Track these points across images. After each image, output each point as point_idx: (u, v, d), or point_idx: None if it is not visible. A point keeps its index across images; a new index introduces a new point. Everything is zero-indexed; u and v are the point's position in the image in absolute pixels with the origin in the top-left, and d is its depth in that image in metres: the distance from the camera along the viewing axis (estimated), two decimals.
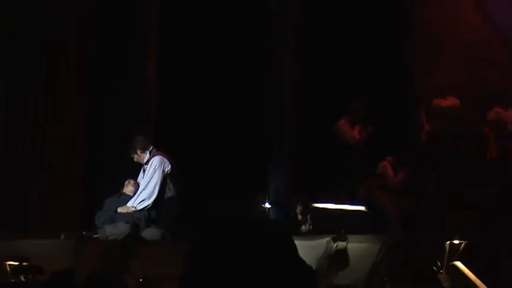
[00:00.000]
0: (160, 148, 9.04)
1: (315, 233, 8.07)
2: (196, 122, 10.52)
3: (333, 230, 7.45)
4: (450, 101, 10.65)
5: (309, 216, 8.78)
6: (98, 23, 10.29)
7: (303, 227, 8.73)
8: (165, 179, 8.61)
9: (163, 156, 8.72)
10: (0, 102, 9.99)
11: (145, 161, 8.71)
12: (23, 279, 6.80)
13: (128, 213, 8.55)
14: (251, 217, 6.99)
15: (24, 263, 6.96)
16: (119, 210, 8.60)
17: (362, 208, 8.96)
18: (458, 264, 6.42)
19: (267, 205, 8.85)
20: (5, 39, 9.96)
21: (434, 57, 11.17)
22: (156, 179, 8.56)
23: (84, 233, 8.63)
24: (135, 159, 8.82)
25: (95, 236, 8.55)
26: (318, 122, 10.28)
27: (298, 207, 8.86)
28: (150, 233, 8.50)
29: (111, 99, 10.33)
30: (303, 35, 10.76)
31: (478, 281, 6.16)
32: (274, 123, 10.52)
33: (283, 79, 10.68)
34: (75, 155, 9.97)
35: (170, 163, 8.69)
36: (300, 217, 8.80)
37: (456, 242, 6.66)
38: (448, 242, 6.63)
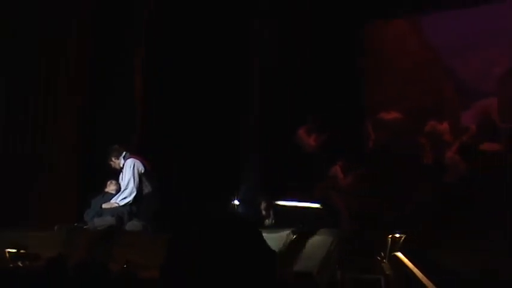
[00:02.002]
0: (146, 142, 8.86)
1: (277, 226, 8.05)
2: (177, 127, 10.38)
3: (292, 225, 7.48)
4: (393, 115, 10.71)
5: (272, 212, 8.76)
6: (93, 34, 9.53)
7: (267, 221, 8.71)
8: (140, 178, 8.58)
9: (136, 158, 8.67)
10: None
11: (121, 165, 8.66)
12: (21, 265, 6.69)
13: (112, 208, 8.52)
14: (223, 212, 6.96)
15: (22, 251, 6.86)
16: (104, 206, 8.56)
17: (317, 206, 8.97)
18: (399, 254, 6.45)
19: (236, 202, 8.83)
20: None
21: (380, 76, 11.24)
22: (132, 178, 8.52)
23: (75, 224, 8.58)
24: (112, 165, 8.74)
25: (85, 227, 8.52)
26: (282, 132, 10.29)
27: (263, 204, 8.85)
28: (132, 225, 8.49)
29: (108, 100, 9.77)
30: (271, 55, 10.76)
31: (415, 269, 6.19)
32: (245, 133, 10.55)
33: (254, 96, 10.69)
34: (75, 155, 9.39)
35: (143, 164, 8.64)
36: (264, 213, 8.78)
37: (397, 235, 6.69)
38: (390, 236, 6.65)
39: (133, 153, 8.84)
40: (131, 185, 8.49)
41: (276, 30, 10.73)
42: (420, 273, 6.06)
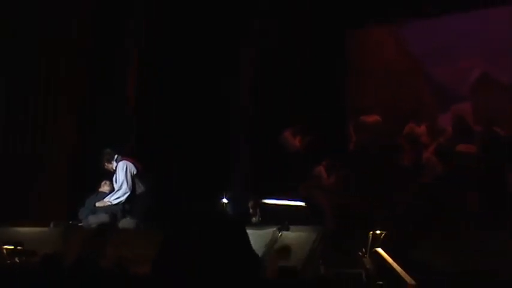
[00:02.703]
0: (141, 142, 8.77)
1: (263, 224, 8.02)
2: (170, 129, 10.32)
3: (278, 222, 7.46)
4: (373, 118, 10.73)
5: (259, 210, 8.74)
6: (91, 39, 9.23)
7: (254, 219, 8.68)
8: (132, 178, 8.54)
9: (128, 160, 8.63)
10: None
11: (114, 168, 8.62)
12: (18, 261, 6.62)
13: (106, 206, 8.48)
14: (212, 210, 6.92)
15: (19, 247, 6.79)
16: (98, 204, 8.53)
17: (302, 204, 8.96)
18: (379, 250, 6.44)
19: (225, 200, 8.80)
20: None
21: (362, 82, 11.28)
22: (125, 180, 8.48)
23: (70, 222, 8.54)
24: (106, 168, 8.70)
25: (79, 224, 8.47)
26: (268, 134, 10.30)
27: (251, 203, 8.82)
28: (126, 223, 8.47)
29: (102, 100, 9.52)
30: (258, 65, 10.79)
31: (394, 264, 6.18)
32: (234, 136, 10.56)
33: (244, 99, 10.73)
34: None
35: (135, 165, 8.60)
36: (251, 211, 8.76)
37: (377, 232, 6.68)
38: (371, 232, 6.64)
39: (126, 155, 8.79)
40: (124, 186, 8.49)
41: (261, 40, 10.77)
42: (399, 268, 6.06)
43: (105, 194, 8.66)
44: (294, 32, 10.80)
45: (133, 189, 8.54)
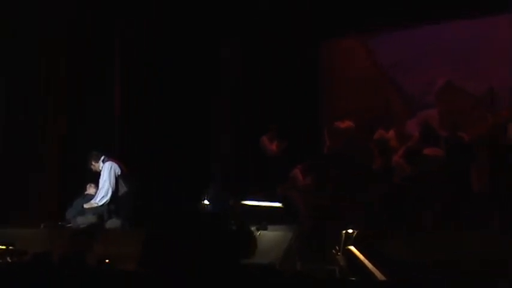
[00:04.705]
0: (126, 145, 8.70)
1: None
2: (155, 131, 10.26)
3: (257, 222, 7.46)
4: (346, 124, 10.78)
5: (238, 210, 8.74)
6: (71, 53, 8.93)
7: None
8: (116, 179, 8.49)
9: (113, 161, 8.59)
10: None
11: (100, 168, 8.56)
12: (9, 260, 6.55)
13: (93, 207, 8.42)
14: (194, 210, 6.92)
15: (10, 247, 6.72)
16: (85, 206, 8.51)
17: (279, 204, 8.97)
18: (352, 248, 6.47)
19: (206, 202, 8.79)
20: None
21: (335, 90, 11.35)
22: (109, 179, 8.43)
23: (60, 223, 8.48)
24: (93, 169, 8.64)
25: (68, 225, 8.41)
26: (248, 139, 10.30)
27: (230, 203, 8.81)
28: (112, 223, 8.45)
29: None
30: (239, 77, 10.81)
31: (366, 261, 6.21)
32: (216, 140, 10.55)
33: (225, 111, 10.74)
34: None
35: (120, 166, 8.56)
36: (231, 211, 8.75)
37: (350, 231, 6.71)
38: (344, 231, 6.67)
39: (112, 156, 8.74)
40: (106, 184, 8.44)
41: (239, 49, 10.78)
42: (371, 265, 6.09)
43: (92, 196, 8.64)
44: (272, 43, 10.85)
45: (116, 189, 8.49)
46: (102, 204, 8.46)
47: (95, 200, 8.50)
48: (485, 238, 6.59)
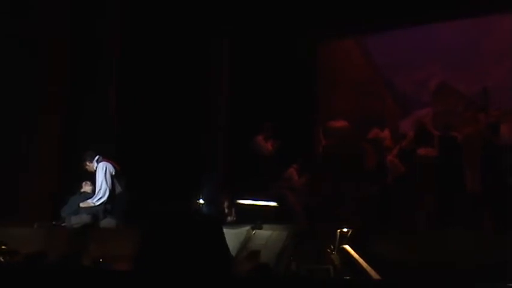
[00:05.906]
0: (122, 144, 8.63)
1: (238, 223, 7.99)
2: (149, 132, 10.22)
3: (252, 221, 7.44)
4: (341, 123, 10.78)
5: (233, 210, 8.71)
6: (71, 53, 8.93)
7: (229, 218, 8.64)
8: (112, 178, 8.46)
9: (108, 161, 8.54)
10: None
11: (94, 168, 8.53)
12: (2, 260, 6.49)
13: (88, 207, 8.38)
14: (189, 210, 6.88)
15: (3, 247, 6.66)
16: (81, 205, 8.42)
17: (274, 204, 8.95)
18: (347, 247, 6.45)
19: (201, 201, 8.76)
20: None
21: (330, 90, 11.33)
22: (104, 180, 8.40)
23: (53, 223, 8.41)
24: (87, 169, 8.59)
25: (62, 224, 8.35)
26: (242, 138, 10.27)
27: (226, 203, 8.78)
28: (107, 222, 8.37)
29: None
30: (234, 76, 10.78)
31: (360, 260, 6.20)
32: (209, 140, 10.51)
33: (219, 108, 10.70)
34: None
35: (114, 167, 8.52)
36: (226, 211, 8.72)
37: (345, 230, 6.69)
38: (338, 230, 6.65)
39: (106, 156, 8.69)
40: (104, 186, 8.40)
41: (232, 49, 10.76)
42: (365, 263, 6.08)
43: (88, 194, 8.56)
44: (268, 44, 10.84)
45: (113, 189, 8.46)
46: (99, 204, 8.42)
47: (93, 200, 8.44)
48: (477, 237, 6.58)
